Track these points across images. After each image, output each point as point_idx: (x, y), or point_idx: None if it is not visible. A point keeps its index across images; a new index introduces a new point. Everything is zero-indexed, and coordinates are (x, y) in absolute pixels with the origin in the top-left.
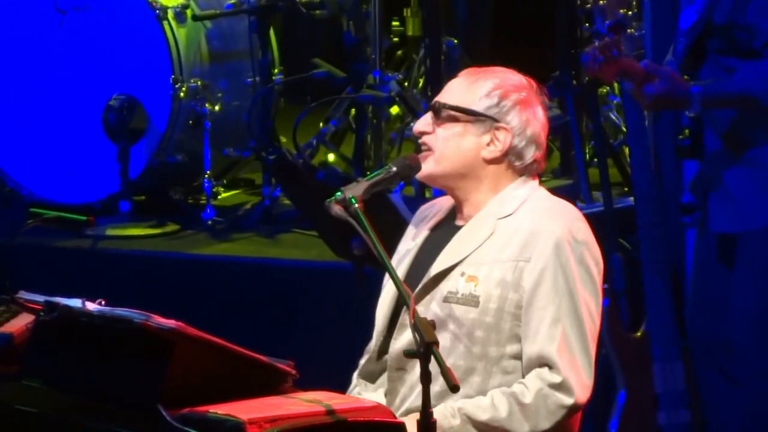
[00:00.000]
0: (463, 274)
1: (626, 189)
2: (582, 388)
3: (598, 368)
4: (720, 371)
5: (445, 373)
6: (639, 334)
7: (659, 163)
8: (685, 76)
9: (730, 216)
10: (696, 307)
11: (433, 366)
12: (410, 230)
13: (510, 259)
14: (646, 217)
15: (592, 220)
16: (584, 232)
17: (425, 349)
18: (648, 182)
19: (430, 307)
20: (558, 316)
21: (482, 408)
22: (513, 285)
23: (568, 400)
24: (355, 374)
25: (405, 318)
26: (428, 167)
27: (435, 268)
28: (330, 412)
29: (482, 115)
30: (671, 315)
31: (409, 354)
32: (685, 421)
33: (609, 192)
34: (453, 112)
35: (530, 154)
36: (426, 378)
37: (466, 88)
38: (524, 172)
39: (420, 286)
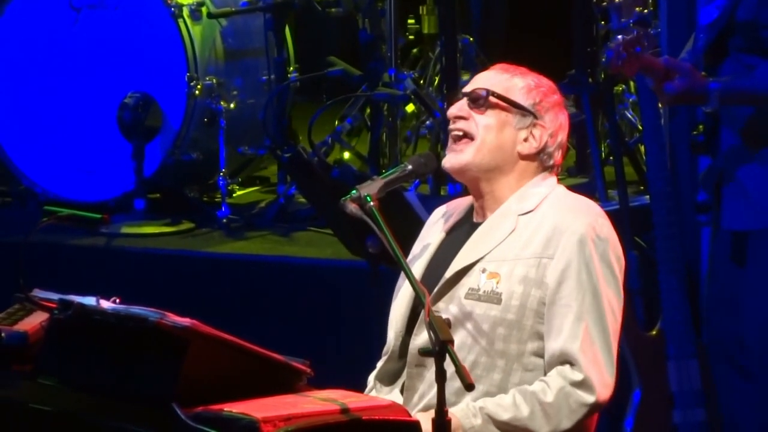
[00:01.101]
0: (484, 271)
1: (642, 187)
2: (604, 386)
3: None
4: (736, 369)
5: (460, 371)
6: (654, 332)
7: (675, 161)
8: (703, 73)
9: (744, 213)
10: (711, 305)
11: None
12: (426, 230)
13: (533, 256)
14: (662, 215)
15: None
16: (607, 229)
17: (440, 348)
18: (663, 180)
19: (450, 304)
20: (581, 313)
21: (504, 407)
22: (536, 282)
23: (590, 398)
24: (372, 376)
25: (424, 315)
26: (467, 156)
27: (456, 265)
28: (345, 410)
29: (526, 109)
30: (686, 313)
31: (424, 352)
32: (701, 419)
33: (624, 190)
34: (497, 100)
35: (558, 156)
36: (441, 376)
37: (507, 81)
38: (546, 170)
39: (441, 282)
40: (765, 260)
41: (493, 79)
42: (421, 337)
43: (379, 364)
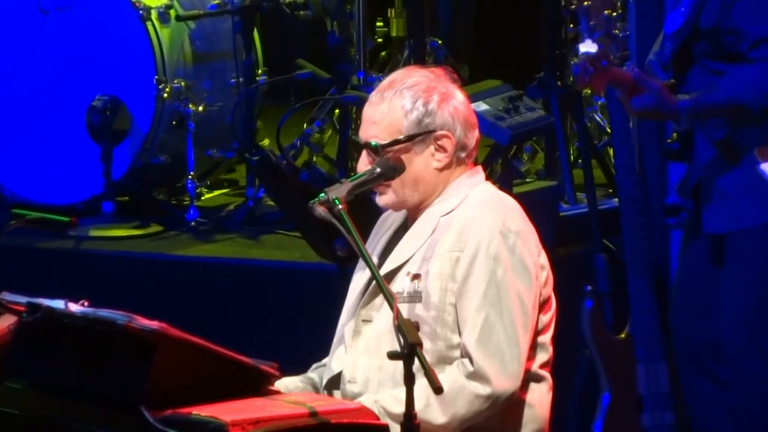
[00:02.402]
0: (408, 274)
1: (610, 190)
2: (503, 376)
3: (582, 370)
4: (705, 373)
5: (429, 374)
6: (623, 335)
7: (643, 164)
8: (672, 80)
9: (723, 216)
10: (682, 309)
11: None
12: (371, 238)
13: (447, 251)
14: (630, 218)
15: (577, 221)
16: (519, 222)
17: (409, 351)
18: (632, 183)
19: (382, 310)
20: (482, 304)
21: (398, 400)
22: (450, 276)
23: (484, 389)
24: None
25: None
26: (389, 198)
27: (381, 272)
28: (313, 414)
29: (418, 135)
30: (655, 316)
31: (393, 356)
32: (669, 422)
33: (593, 193)
34: (391, 147)
35: (473, 138)
36: (410, 379)
37: (388, 113)
38: (471, 159)
39: (369, 290)
40: (742, 260)
41: (374, 115)
42: (367, 310)
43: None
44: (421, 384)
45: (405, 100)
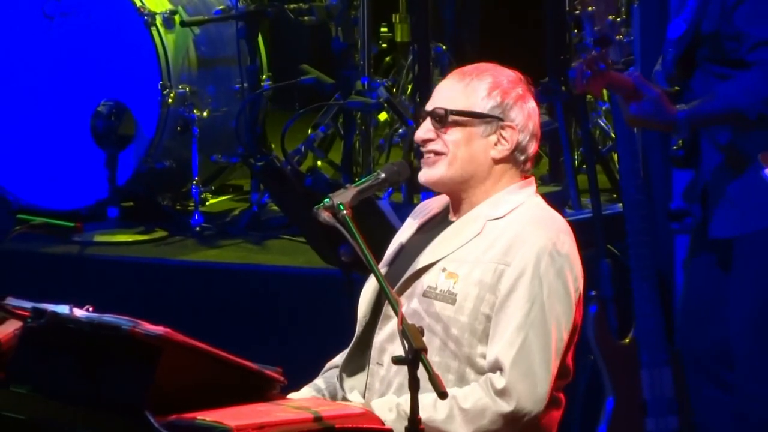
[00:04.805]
0: (444, 270)
1: (615, 195)
2: (531, 398)
3: (587, 374)
4: (712, 378)
5: (434, 379)
6: (627, 340)
7: (648, 169)
8: (676, 87)
9: (730, 221)
10: (689, 314)
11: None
12: (407, 223)
13: (491, 261)
14: (635, 223)
15: (581, 226)
16: (568, 246)
17: (414, 356)
18: (636, 188)
19: (410, 301)
20: (524, 324)
21: (421, 407)
22: (491, 287)
23: (507, 408)
24: (332, 362)
25: (388, 309)
26: (439, 171)
27: (419, 263)
28: (318, 418)
29: (488, 116)
30: (659, 321)
31: (397, 361)
32: (673, 427)
33: (598, 198)
34: (458, 117)
35: (532, 147)
36: (414, 384)
37: (464, 90)
38: (524, 167)
39: (403, 278)
40: (750, 264)
41: (451, 90)
42: (385, 332)
43: (346, 352)
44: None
45: (484, 85)
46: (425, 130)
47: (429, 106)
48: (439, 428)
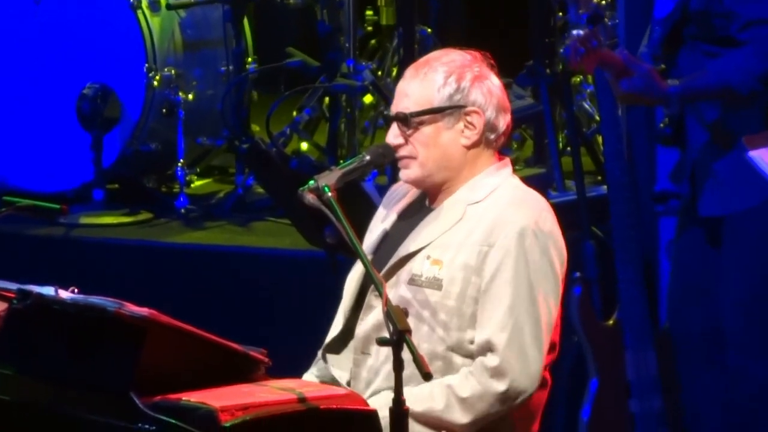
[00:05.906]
0: (428, 257)
1: (599, 177)
2: (526, 376)
3: (570, 356)
4: (702, 357)
5: (418, 360)
6: (611, 322)
7: (632, 151)
8: (662, 65)
9: (719, 199)
10: (678, 294)
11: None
12: (381, 210)
13: (475, 244)
14: (619, 205)
15: (565, 208)
16: (550, 223)
17: (398, 337)
18: (621, 171)
19: (396, 289)
20: (513, 304)
21: (418, 398)
22: (476, 269)
23: (502, 386)
24: (320, 351)
25: (371, 299)
26: (414, 172)
27: (402, 251)
28: (302, 399)
29: (449, 108)
30: (643, 303)
31: (382, 342)
32: (657, 408)
33: (582, 180)
34: (420, 117)
35: (502, 121)
36: (398, 365)
37: (421, 84)
38: (497, 144)
39: (387, 267)
40: (740, 242)
41: (409, 87)
42: (367, 322)
43: (327, 339)
44: (442, 384)
45: (438, 75)
46: (393, 135)
47: (392, 110)
48: (439, 418)
